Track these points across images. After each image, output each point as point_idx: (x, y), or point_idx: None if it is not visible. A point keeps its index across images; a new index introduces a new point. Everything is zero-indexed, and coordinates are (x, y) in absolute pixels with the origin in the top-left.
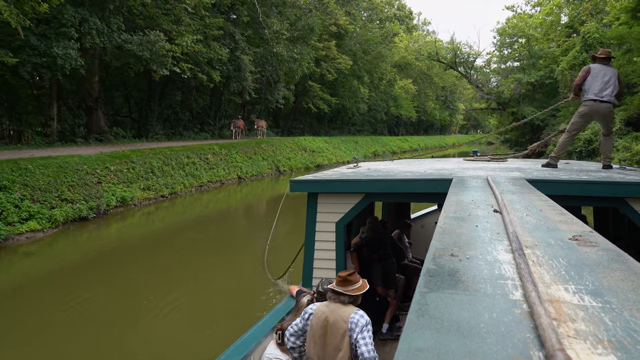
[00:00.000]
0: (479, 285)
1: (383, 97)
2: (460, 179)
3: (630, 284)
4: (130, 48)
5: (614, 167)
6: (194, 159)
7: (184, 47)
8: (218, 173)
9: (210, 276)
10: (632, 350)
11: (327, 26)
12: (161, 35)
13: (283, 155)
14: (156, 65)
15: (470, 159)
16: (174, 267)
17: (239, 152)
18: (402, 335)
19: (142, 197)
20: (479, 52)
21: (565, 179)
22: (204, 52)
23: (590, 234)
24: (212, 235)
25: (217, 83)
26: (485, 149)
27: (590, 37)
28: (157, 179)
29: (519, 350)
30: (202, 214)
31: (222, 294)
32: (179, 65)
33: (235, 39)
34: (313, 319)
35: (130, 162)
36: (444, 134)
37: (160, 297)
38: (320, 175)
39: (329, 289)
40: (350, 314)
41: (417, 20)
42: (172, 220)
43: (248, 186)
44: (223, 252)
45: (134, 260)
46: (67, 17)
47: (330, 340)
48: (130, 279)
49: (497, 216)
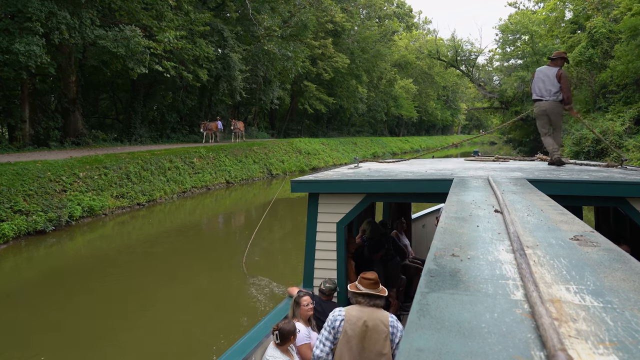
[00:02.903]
0: (480, 285)
1: (383, 97)
2: (461, 179)
3: (632, 283)
4: (104, 44)
5: (616, 168)
6: (178, 163)
7: (165, 43)
8: (204, 178)
9: (186, 297)
10: (634, 350)
11: (323, 23)
12: (137, 31)
13: (276, 158)
14: (133, 63)
15: (471, 159)
16: (147, 283)
17: (228, 155)
18: (403, 335)
19: (114, 205)
20: (480, 49)
21: (566, 179)
22: (189, 50)
23: (592, 234)
24: (190, 247)
25: (206, 83)
26: (487, 149)
27: (597, 32)
28: (133, 186)
29: (520, 351)
30: (182, 223)
31: (198, 315)
32: (161, 63)
33: (223, 36)
34: (346, 324)
35: (102, 168)
36: (446, 135)
37: (132, 321)
38: (321, 175)
39: (361, 292)
40: (388, 317)
41: (418, 19)
42: (146, 230)
43: (237, 191)
44: (201, 267)
45: (97, 278)
46: (31, 11)
47: (370, 345)
48: (93, 300)
49: (498, 216)
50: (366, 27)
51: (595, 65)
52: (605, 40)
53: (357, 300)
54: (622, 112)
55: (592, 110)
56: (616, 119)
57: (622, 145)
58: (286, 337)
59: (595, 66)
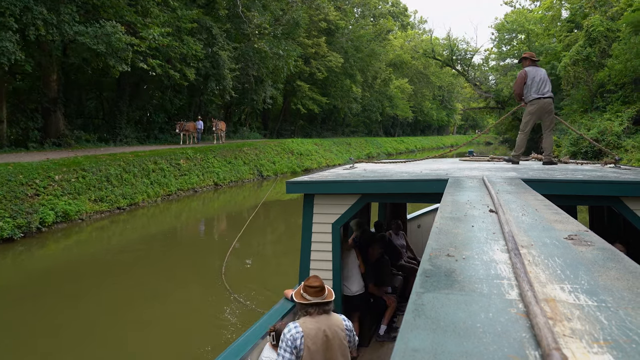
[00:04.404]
0: (475, 285)
1: (378, 97)
2: (456, 179)
3: (626, 282)
4: (84, 41)
5: (609, 166)
6: (163, 164)
7: (150, 40)
8: (191, 180)
9: (160, 313)
10: (628, 349)
11: (317, 22)
12: (118, 27)
13: (267, 159)
14: (114, 60)
15: (466, 159)
16: (120, 294)
17: (217, 157)
18: (398, 335)
19: (92, 210)
20: (476, 48)
21: (561, 179)
22: (176, 47)
23: (586, 233)
24: (169, 255)
25: (194, 82)
26: (483, 150)
27: (594, 31)
28: (114, 189)
29: (515, 350)
30: (164, 228)
31: (172, 333)
32: (146, 61)
33: (212, 34)
34: (307, 340)
35: (81, 170)
36: (441, 135)
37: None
38: (316, 176)
39: (310, 303)
40: (341, 320)
41: (413, 19)
42: (125, 236)
43: (226, 194)
44: (180, 277)
45: (66, 290)
46: (4, 5)
47: (332, 355)
48: (61, 314)
49: (493, 216)
50: (360, 25)
51: (592, 64)
52: (602, 38)
53: (308, 312)
54: (620, 112)
55: (589, 110)
56: (614, 118)
57: (621, 145)
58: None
59: (593, 65)
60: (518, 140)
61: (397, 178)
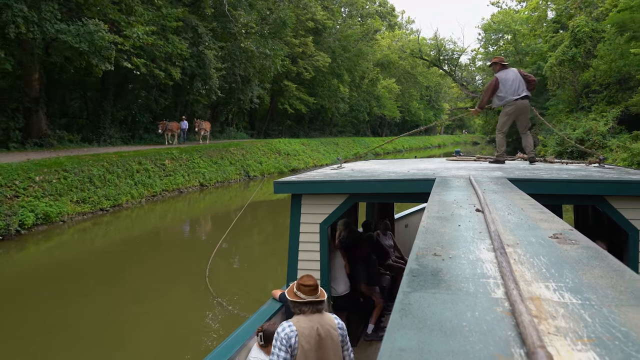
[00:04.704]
0: (462, 284)
1: (365, 97)
2: (443, 179)
3: (609, 280)
4: (66, 39)
5: (594, 166)
6: (147, 165)
7: (134, 39)
8: (176, 180)
9: (140, 320)
10: (611, 346)
11: (304, 21)
12: (101, 25)
13: (254, 159)
14: (97, 59)
15: (453, 159)
16: (99, 299)
17: (203, 157)
18: (385, 335)
19: (74, 211)
20: (463, 48)
21: (546, 178)
22: (161, 46)
23: (570, 232)
24: (152, 257)
25: (180, 81)
26: (470, 149)
27: (580, 31)
28: (96, 190)
29: (500, 348)
30: (148, 229)
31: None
32: (130, 60)
33: (198, 33)
34: (301, 338)
35: (62, 171)
36: (429, 135)
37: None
38: (304, 176)
39: (304, 301)
40: (334, 320)
41: (401, 19)
42: (109, 237)
43: (212, 194)
44: (162, 281)
45: (44, 294)
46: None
47: (325, 354)
48: (38, 319)
49: (480, 215)
50: (348, 25)
51: (578, 64)
52: (588, 39)
53: (301, 310)
54: (605, 112)
55: (575, 110)
56: (599, 118)
57: (606, 145)
58: (270, 339)
59: (578, 65)
60: (498, 140)
61: (385, 178)
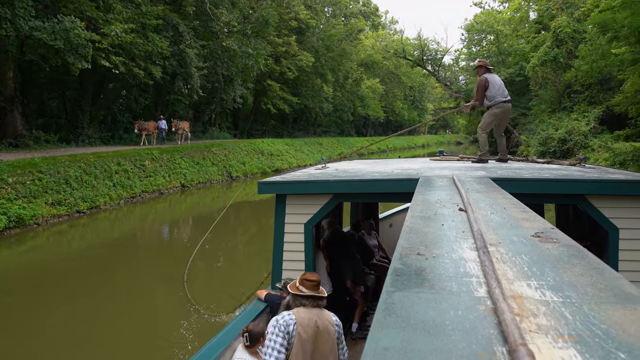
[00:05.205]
0: (445, 283)
1: (349, 97)
2: (426, 179)
3: (589, 278)
4: (40, 36)
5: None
6: (127, 165)
7: (112, 37)
8: (156, 181)
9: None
10: (591, 343)
11: (287, 20)
12: (77, 22)
13: (237, 160)
14: (73, 57)
15: (436, 159)
16: (70, 307)
17: (184, 157)
18: (369, 334)
19: (49, 214)
20: (447, 49)
21: (528, 177)
22: (140, 45)
23: (552, 231)
24: (134, 261)
25: (161, 80)
26: (454, 149)
27: (561, 32)
28: (73, 192)
29: (483, 347)
30: (127, 232)
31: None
32: (109, 58)
33: (179, 31)
34: (299, 328)
35: (37, 172)
36: (413, 135)
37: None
38: (288, 176)
39: (305, 295)
40: (332, 317)
41: (385, 19)
42: (86, 241)
43: (193, 195)
44: (143, 284)
45: (12, 300)
46: None
47: (321, 347)
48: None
49: (463, 215)
50: (331, 25)
51: (560, 65)
52: (569, 39)
53: (302, 303)
54: (587, 112)
55: (557, 110)
56: (581, 118)
57: (588, 144)
58: (256, 339)
59: (560, 66)
60: (482, 140)
61: (369, 178)
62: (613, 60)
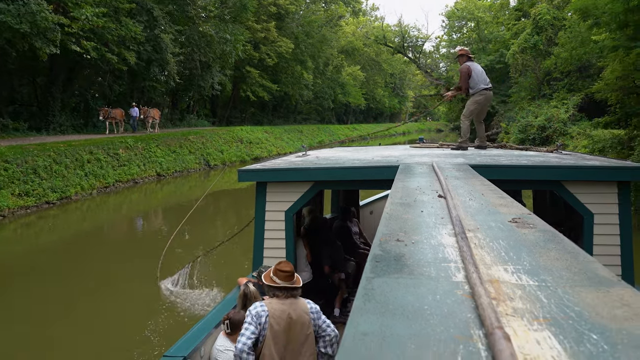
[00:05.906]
0: (424, 268)
1: (330, 84)
2: (406, 166)
3: (564, 262)
4: (4, 19)
5: (554, 153)
6: (99, 154)
7: (83, 21)
8: (130, 170)
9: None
10: (565, 325)
11: (266, 6)
12: (44, 4)
13: (215, 148)
14: (41, 42)
15: (416, 146)
16: (34, 304)
17: (160, 146)
18: (348, 320)
19: (15, 205)
20: (427, 35)
21: (506, 164)
22: (113, 29)
23: (529, 216)
24: (105, 254)
25: (135, 66)
26: (434, 137)
27: (541, 19)
28: (42, 182)
29: (460, 330)
30: (99, 223)
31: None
32: (80, 43)
33: (153, 15)
34: (271, 319)
35: (3, 162)
36: (394, 122)
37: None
38: (268, 164)
39: (278, 286)
40: (306, 304)
41: (365, 5)
42: (57, 233)
43: (170, 184)
44: (113, 279)
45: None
46: None
47: (294, 336)
48: None
49: (442, 201)
50: (311, 11)
51: (539, 52)
52: (549, 27)
53: (275, 294)
54: (566, 100)
55: (537, 97)
56: (560, 106)
57: (567, 132)
58: (237, 327)
59: (540, 53)
60: (464, 127)
61: (349, 165)
62: (593, 47)
